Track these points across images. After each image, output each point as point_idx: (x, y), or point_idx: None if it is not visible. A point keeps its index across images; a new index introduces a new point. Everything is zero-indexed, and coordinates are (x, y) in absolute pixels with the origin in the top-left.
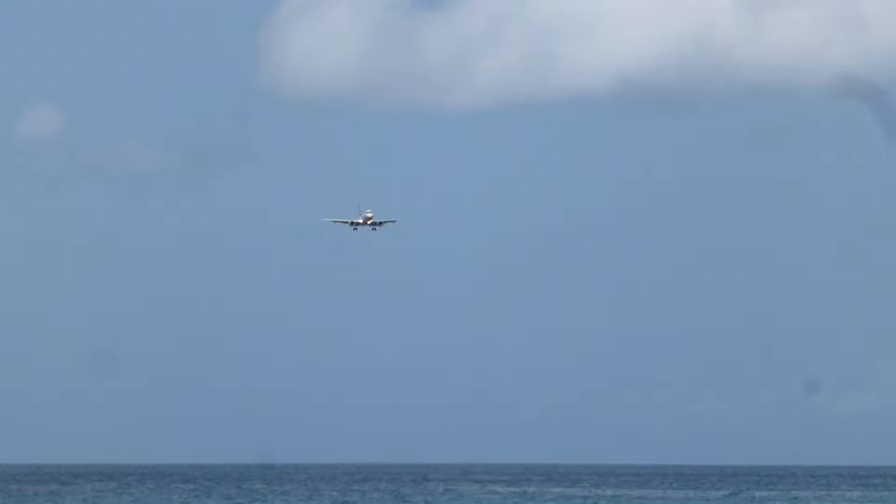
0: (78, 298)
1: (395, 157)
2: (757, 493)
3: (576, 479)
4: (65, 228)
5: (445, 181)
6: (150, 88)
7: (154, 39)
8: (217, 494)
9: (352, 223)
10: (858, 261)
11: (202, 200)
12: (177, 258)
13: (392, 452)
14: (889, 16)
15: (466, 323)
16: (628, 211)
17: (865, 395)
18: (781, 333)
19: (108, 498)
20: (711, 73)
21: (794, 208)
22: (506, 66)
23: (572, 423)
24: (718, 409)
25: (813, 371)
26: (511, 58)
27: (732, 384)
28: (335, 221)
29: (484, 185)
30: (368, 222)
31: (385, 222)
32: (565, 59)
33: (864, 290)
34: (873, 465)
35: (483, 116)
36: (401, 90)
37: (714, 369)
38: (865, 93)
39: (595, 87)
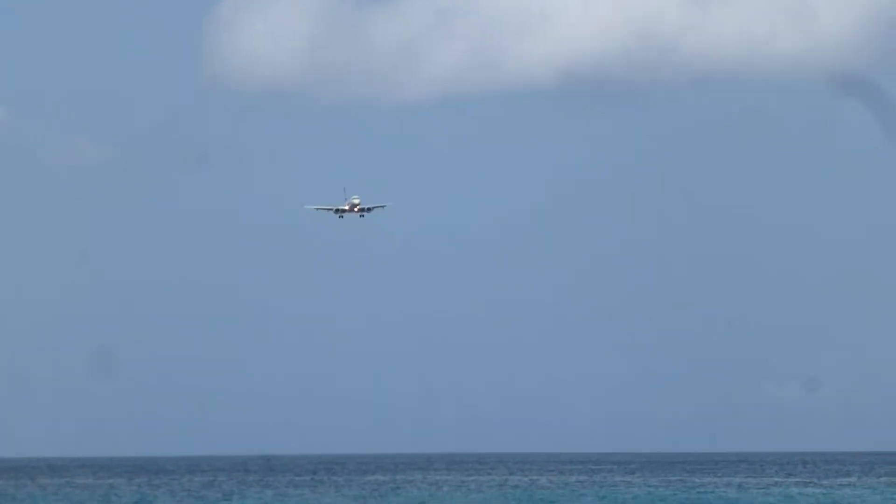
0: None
1: (341, 150)
2: (699, 480)
3: (518, 468)
4: (9, 227)
5: (395, 173)
6: (95, 86)
7: (99, 37)
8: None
9: (337, 210)
10: (807, 249)
11: (147, 197)
12: (135, 256)
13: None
14: (834, 5)
15: (419, 316)
16: (574, 202)
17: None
18: (734, 322)
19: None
20: (658, 65)
21: (741, 196)
22: (452, 59)
23: (530, 412)
24: (669, 397)
25: (763, 359)
26: (458, 51)
27: (683, 372)
28: (318, 209)
29: (431, 178)
30: (356, 209)
31: (374, 208)
32: (512, 51)
33: (817, 279)
34: (825, 450)
35: (430, 109)
36: (348, 83)
37: (664, 358)
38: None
39: (542, 79)
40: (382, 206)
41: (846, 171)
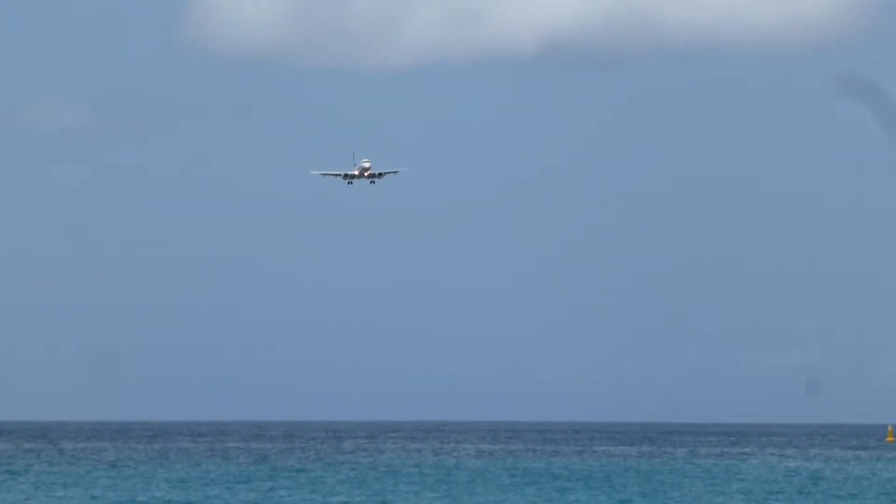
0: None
1: (319, 115)
2: (676, 451)
3: (493, 435)
4: None
5: (375, 139)
6: (70, 46)
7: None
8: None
9: (346, 175)
10: (781, 219)
11: (121, 159)
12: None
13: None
14: None
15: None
16: (552, 168)
17: (789, 353)
18: (706, 294)
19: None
20: (639, 32)
21: (720, 166)
22: (432, 25)
23: (507, 381)
24: (643, 369)
25: (736, 331)
26: (438, 16)
27: (656, 345)
28: (325, 174)
29: (412, 143)
30: (366, 174)
31: (386, 173)
32: (493, 18)
33: (787, 248)
34: (799, 422)
35: (409, 74)
36: (327, 47)
37: (638, 330)
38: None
39: (522, 45)
40: (395, 172)
41: (827, 138)
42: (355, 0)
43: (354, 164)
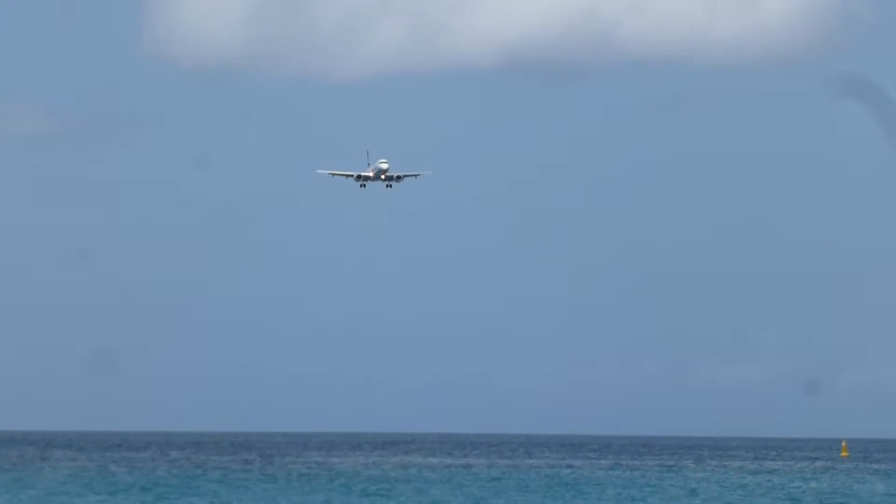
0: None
1: (279, 126)
2: (638, 462)
3: (448, 449)
4: None
5: (335, 151)
6: (34, 54)
7: (41, 6)
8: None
9: (358, 177)
10: (743, 233)
11: (88, 167)
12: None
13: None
14: None
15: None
16: (513, 181)
17: (751, 368)
18: (669, 305)
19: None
20: (598, 47)
21: (678, 179)
22: (394, 37)
23: (460, 391)
24: (605, 380)
25: (701, 343)
26: (400, 28)
27: (620, 355)
28: (335, 174)
29: (372, 154)
30: (383, 176)
31: (405, 176)
32: (453, 30)
33: (749, 262)
34: (756, 436)
35: (371, 86)
36: (289, 58)
37: (601, 340)
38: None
39: (483, 57)
40: (416, 175)
41: (788, 145)
42: (319, 11)
43: (368, 164)
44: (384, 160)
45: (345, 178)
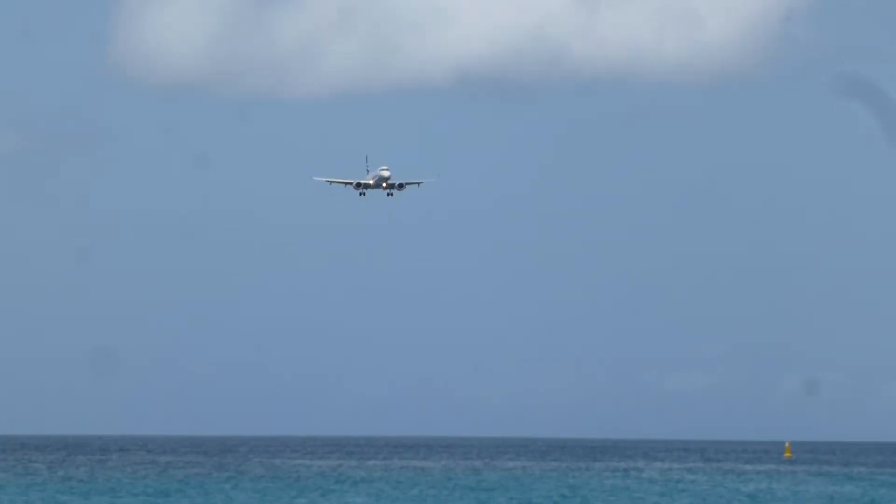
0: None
1: (244, 143)
2: (584, 465)
3: (404, 451)
4: None
5: (294, 168)
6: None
7: (3, 22)
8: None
9: (357, 185)
10: (687, 247)
11: (49, 185)
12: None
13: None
14: (720, 12)
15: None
16: (467, 199)
17: (693, 374)
18: (614, 314)
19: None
20: (548, 67)
21: (631, 196)
22: (351, 56)
23: (416, 397)
24: (552, 385)
25: (642, 350)
26: (356, 47)
27: (565, 361)
28: (332, 182)
29: (329, 172)
30: (384, 184)
31: (407, 184)
32: (409, 49)
33: (691, 272)
34: (698, 439)
35: (328, 104)
36: (248, 76)
37: (548, 346)
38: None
39: (436, 76)
40: (419, 183)
41: (745, 159)
42: (277, 32)
43: (368, 172)
44: (385, 168)
45: (343, 186)
